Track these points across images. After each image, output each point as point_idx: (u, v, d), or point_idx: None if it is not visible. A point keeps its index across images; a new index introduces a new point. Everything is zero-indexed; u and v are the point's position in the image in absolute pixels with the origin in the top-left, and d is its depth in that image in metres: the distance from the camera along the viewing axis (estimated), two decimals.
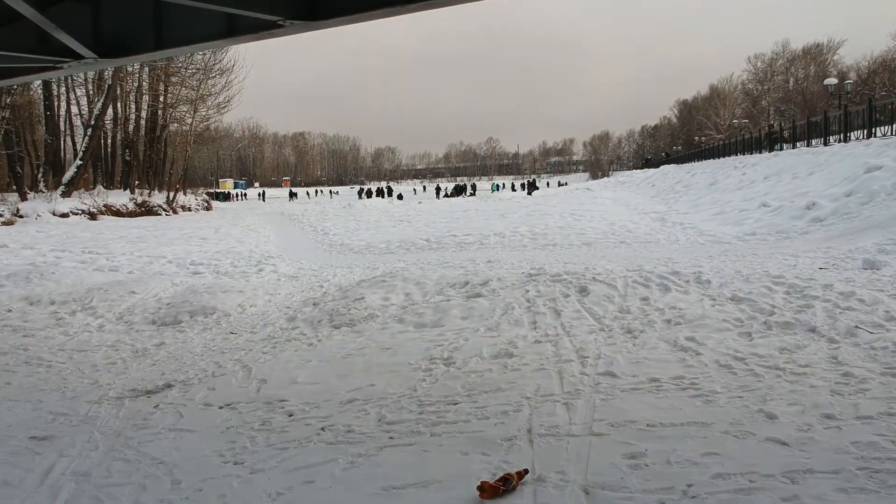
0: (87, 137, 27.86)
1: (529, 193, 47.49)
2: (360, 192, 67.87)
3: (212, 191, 76.88)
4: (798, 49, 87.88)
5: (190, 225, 24.21)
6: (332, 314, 6.72)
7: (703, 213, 15.93)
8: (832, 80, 28.04)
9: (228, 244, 16.93)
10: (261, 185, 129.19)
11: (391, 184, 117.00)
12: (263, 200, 68.01)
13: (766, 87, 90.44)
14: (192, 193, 37.64)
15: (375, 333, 6.11)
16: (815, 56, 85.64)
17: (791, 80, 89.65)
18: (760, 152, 25.95)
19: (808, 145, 21.52)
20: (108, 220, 26.28)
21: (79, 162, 27.29)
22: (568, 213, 19.09)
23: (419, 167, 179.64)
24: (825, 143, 19.68)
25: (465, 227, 16.89)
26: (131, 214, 28.62)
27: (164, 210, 30.81)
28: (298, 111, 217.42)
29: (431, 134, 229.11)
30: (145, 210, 29.81)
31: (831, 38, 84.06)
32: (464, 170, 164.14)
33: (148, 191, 31.56)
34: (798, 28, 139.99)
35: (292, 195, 75.11)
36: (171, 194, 32.38)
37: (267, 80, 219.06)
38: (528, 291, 6.90)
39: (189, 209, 33.69)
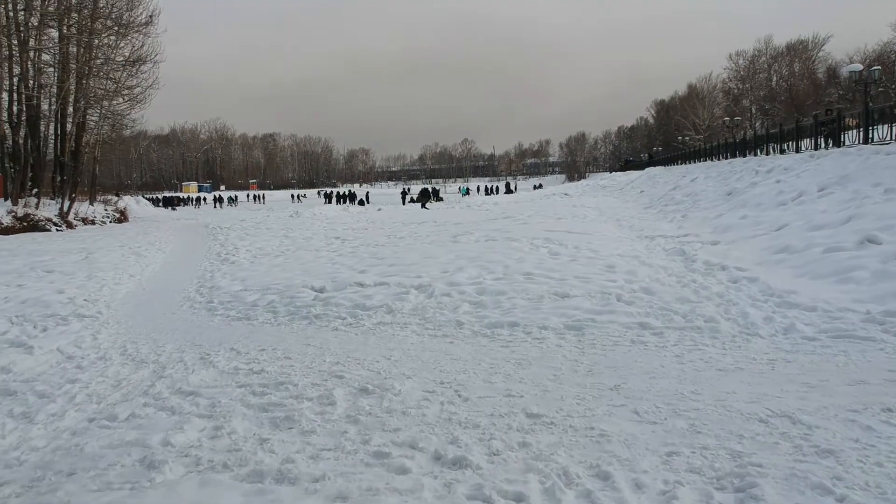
0: None
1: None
2: (326, 197, 63.35)
3: (154, 195, 70.82)
4: (782, 45, 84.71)
5: (64, 247, 18.85)
6: None
7: (746, 245, 10.38)
8: (856, 66, 23.49)
9: (62, 285, 11.81)
10: (227, 188, 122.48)
11: (359, 187, 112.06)
12: (219, 206, 62.07)
13: (747, 85, 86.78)
14: (101, 202, 31.83)
15: None
16: (800, 52, 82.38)
17: (775, 77, 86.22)
18: (793, 152, 20.54)
19: (864, 141, 15.79)
20: None
21: None
22: (542, 237, 13.74)
23: (394, 169, 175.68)
24: None
25: (391, 261, 11.72)
26: (7, 231, 23.05)
27: (56, 225, 25.16)
28: (269, 113, 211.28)
29: (406, 135, 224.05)
30: (28, 225, 24.20)
31: (816, 33, 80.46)
32: (439, 171, 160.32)
33: (36, 201, 25.85)
34: (779, 28, 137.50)
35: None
36: (67, 205, 26.73)
37: (236, 83, 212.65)
38: None
39: (92, 222, 28.02)
